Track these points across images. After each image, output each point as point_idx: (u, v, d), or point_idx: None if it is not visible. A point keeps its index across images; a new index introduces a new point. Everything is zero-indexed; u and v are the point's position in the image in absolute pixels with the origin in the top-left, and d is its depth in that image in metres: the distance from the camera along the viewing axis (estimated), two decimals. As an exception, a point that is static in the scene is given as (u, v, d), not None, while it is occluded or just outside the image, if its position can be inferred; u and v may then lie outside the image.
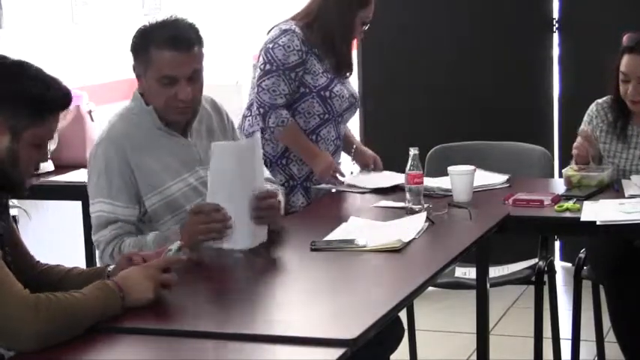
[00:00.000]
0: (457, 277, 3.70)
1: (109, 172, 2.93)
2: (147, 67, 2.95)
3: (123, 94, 5.15)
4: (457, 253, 2.86)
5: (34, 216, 4.56)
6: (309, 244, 2.91)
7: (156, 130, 3.01)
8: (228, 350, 2.20)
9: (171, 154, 3.01)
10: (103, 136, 2.99)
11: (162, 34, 2.93)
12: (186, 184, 3.01)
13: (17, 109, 2.32)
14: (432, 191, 3.47)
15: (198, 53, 2.97)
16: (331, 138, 3.82)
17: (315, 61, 3.77)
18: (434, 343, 4.40)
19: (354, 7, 3.77)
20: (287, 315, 2.43)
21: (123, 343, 2.23)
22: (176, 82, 2.93)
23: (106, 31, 5.11)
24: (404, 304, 2.56)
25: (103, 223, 2.92)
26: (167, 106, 2.97)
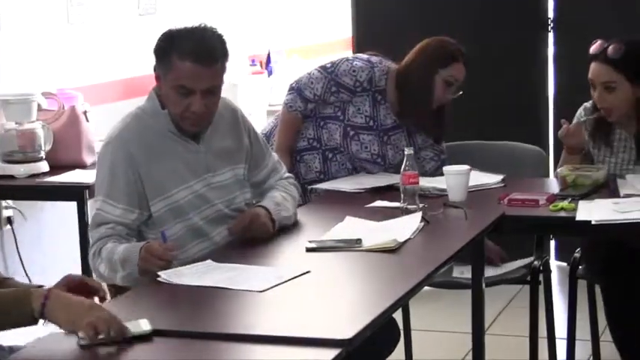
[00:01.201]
0: (454, 276, 3.69)
1: (113, 172, 2.93)
2: (166, 72, 2.94)
3: (118, 95, 5.15)
4: (452, 253, 2.86)
5: (30, 217, 4.55)
6: (304, 244, 2.92)
7: (168, 133, 2.99)
8: (220, 350, 2.20)
9: (180, 159, 3.00)
10: (114, 135, 2.98)
11: (188, 44, 2.91)
12: (191, 192, 3.00)
13: None
14: (427, 191, 3.47)
15: (219, 69, 2.95)
16: (346, 167, 3.87)
17: (367, 102, 3.81)
18: (429, 342, 4.40)
19: (434, 65, 3.74)
20: (282, 315, 2.42)
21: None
22: (192, 94, 2.91)
23: (102, 31, 5.10)
24: (399, 304, 2.56)
25: (97, 222, 2.92)
26: (181, 116, 2.96)
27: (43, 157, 4.21)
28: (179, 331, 2.27)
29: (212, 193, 3.04)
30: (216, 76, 2.95)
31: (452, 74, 3.76)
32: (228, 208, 3.06)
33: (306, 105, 3.84)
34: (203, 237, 3.01)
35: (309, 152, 3.87)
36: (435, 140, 3.92)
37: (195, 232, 3.00)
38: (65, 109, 4.33)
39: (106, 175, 2.94)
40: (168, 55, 2.92)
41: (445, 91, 3.77)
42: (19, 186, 4.13)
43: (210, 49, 2.93)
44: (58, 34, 4.82)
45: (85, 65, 4.95)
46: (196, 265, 2.73)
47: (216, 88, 2.96)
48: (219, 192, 3.05)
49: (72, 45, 4.91)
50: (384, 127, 3.85)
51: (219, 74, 2.96)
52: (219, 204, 3.04)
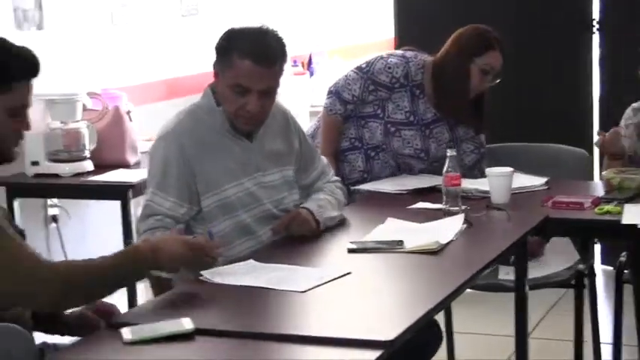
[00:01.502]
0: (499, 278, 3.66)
1: (166, 165, 2.95)
2: (225, 69, 2.96)
3: (161, 95, 5.18)
4: (495, 256, 2.84)
5: (74, 215, 4.59)
6: (346, 245, 2.91)
7: (221, 130, 3.02)
8: (262, 350, 2.20)
9: (233, 157, 3.02)
10: (169, 130, 3.01)
11: (248, 44, 2.93)
12: (242, 189, 3.02)
13: None
14: (469, 193, 3.45)
15: (277, 71, 2.98)
16: (390, 165, 3.87)
17: (406, 98, 3.80)
18: (472, 345, 4.38)
19: (469, 53, 3.72)
20: (323, 316, 2.42)
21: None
22: (248, 93, 2.94)
23: (145, 32, 5.14)
24: (442, 306, 2.55)
25: (147, 213, 2.95)
26: (236, 114, 2.98)
27: (87, 157, 4.25)
28: (221, 331, 2.27)
29: (262, 192, 3.05)
30: (274, 78, 2.97)
31: (487, 62, 3.72)
32: (276, 209, 3.07)
33: (345, 107, 3.84)
34: (250, 235, 3.02)
35: (351, 152, 3.87)
36: (475, 131, 3.89)
37: (243, 230, 3.01)
38: (109, 109, 4.37)
39: (158, 167, 2.97)
40: (228, 53, 2.95)
41: (482, 80, 3.74)
42: (64, 185, 4.16)
43: (270, 50, 2.95)
44: (102, 34, 4.86)
45: (128, 65, 4.99)
46: (238, 264, 2.74)
47: (273, 89, 2.99)
48: (268, 191, 3.07)
49: (116, 45, 4.94)
50: (425, 121, 3.83)
51: (276, 76, 2.98)
52: (267, 203, 3.05)
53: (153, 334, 2.21)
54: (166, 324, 2.25)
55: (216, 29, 5.59)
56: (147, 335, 2.21)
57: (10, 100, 2.41)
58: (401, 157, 3.86)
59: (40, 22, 4.47)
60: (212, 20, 5.64)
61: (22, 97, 2.44)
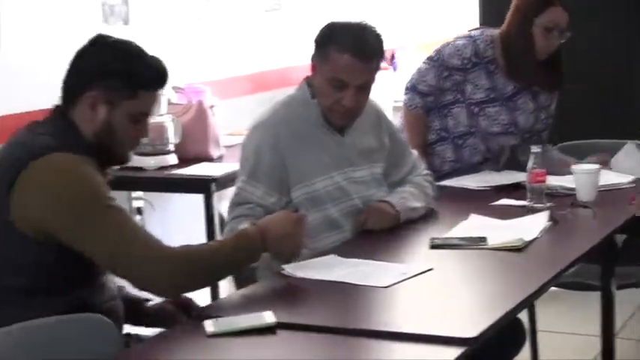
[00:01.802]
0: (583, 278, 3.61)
1: (259, 154, 2.97)
2: (323, 62, 2.98)
3: (244, 90, 5.21)
4: (580, 254, 2.80)
5: (158, 207, 4.65)
6: (428, 241, 2.89)
7: (315, 123, 3.03)
8: (343, 345, 2.19)
9: (326, 150, 3.03)
10: (264, 120, 3.03)
11: (348, 38, 2.94)
12: (332, 183, 3.03)
13: (113, 81, 2.44)
14: (554, 190, 3.41)
15: (375, 66, 2.99)
16: (479, 149, 3.87)
17: (483, 75, 3.80)
18: (556, 344, 4.32)
19: (529, 15, 3.72)
20: (405, 312, 2.41)
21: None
22: (345, 88, 2.95)
23: (229, 27, 5.17)
24: (525, 304, 2.52)
25: (238, 201, 2.97)
26: (331, 108, 3.00)
27: (171, 150, 4.29)
28: (303, 325, 2.27)
29: (351, 187, 3.06)
30: (371, 73, 2.98)
31: (550, 19, 3.70)
32: (364, 205, 3.07)
33: (424, 99, 3.85)
34: (337, 229, 3.02)
35: (439, 144, 3.87)
36: (549, 89, 3.87)
37: (331, 224, 3.02)
38: (193, 104, 4.40)
39: (251, 156, 2.99)
40: (327, 46, 2.96)
41: (547, 39, 3.71)
42: (149, 178, 4.21)
43: (369, 45, 2.96)
44: (187, 29, 4.90)
45: (212, 60, 5.03)
46: (321, 259, 2.74)
47: (369, 85, 3.00)
48: (358, 187, 3.07)
49: (200, 40, 4.99)
50: (507, 95, 3.82)
51: (373, 71, 2.99)
52: (356, 199, 3.06)
53: (235, 327, 2.23)
54: (248, 317, 2.26)
55: (299, 24, 5.66)
56: (229, 328, 2.22)
57: (134, 106, 2.46)
58: (490, 136, 3.84)
59: (126, 16, 4.53)
60: (295, 15, 5.66)
61: (146, 105, 2.50)
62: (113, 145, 2.47)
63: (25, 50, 4.02)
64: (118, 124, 2.45)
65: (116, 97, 2.44)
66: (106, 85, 2.43)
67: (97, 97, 2.43)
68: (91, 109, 2.44)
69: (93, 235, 2.29)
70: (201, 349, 2.20)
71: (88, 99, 2.43)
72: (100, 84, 2.43)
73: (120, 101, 2.44)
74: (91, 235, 2.29)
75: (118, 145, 2.48)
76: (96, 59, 2.47)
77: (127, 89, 2.44)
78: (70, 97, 2.47)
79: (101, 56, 2.47)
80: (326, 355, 2.19)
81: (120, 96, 2.44)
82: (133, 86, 2.45)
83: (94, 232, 2.29)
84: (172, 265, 2.31)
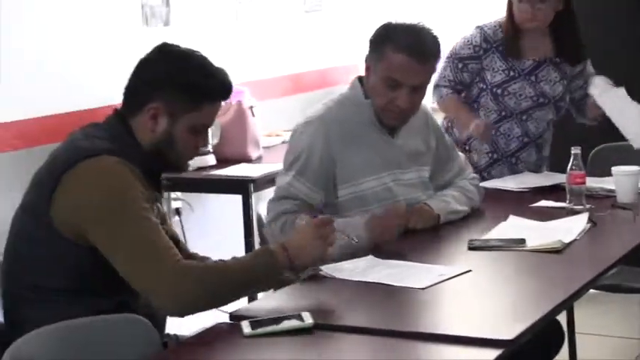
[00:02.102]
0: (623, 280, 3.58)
1: (310, 152, 2.96)
2: (378, 62, 2.97)
3: (283, 91, 5.23)
4: (620, 256, 2.78)
5: (196, 208, 4.67)
6: (466, 242, 2.89)
7: (368, 123, 3.03)
8: (381, 346, 2.19)
9: (376, 150, 3.03)
10: (317, 116, 3.02)
11: (405, 38, 2.94)
12: (380, 184, 3.03)
13: (176, 93, 2.43)
14: (594, 192, 3.38)
15: (430, 68, 2.99)
16: (514, 134, 3.89)
17: (497, 58, 3.84)
18: (595, 347, 4.29)
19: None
20: (443, 313, 2.41)
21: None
22: (399, 88, 2.94)
23: (268, 28, 5.19)
24: (564, 306, 2.51)
25: (284, 195, 2.95)
26: (384, 108, 2.99)
27: (210, 151, 4.31)
28: (340, 326, 2.28)
29: (398, 188, 3.05)
30: (427, 74, 2.98)
31: None
32: (409, 207, 3.06)
33: (449, 89, 3.91)
34: None
35: (473, 138, 3.87)
36: (571, 63, 3.88)
37: None
38: (232, 104, 4.42)
39: (302, 152, 2.97)
40: (383, 45, 2.95)
41: (521, 9, 3.77)
42: (188, 178, 4.22)
43: (426, 46, 2.95)
44: (226, 30, 4.92)
45: (251, 61, 5.04)
46: (358, 260, 2.74)
47: (424, 86, 2.99)
48: (405, 189, 3.07)
49: (240, 41, 5.00)
50: (527, 70, 3.85)
51: (429, 72, 2.99)
52: (402, 201, 3.05)
53: (272, 328, 2.23)
54: (286, 318, 2.27)
55: (340, 25, 5.66)
56: (266, 329, 2.23)
57: (197, 118, 2.46)
58: (523, 114, 3.86)
59: (166, 18, 4.56)
60: (335, 16, 5.66)
61: (208, 117, 2.49)
62: (172, 154, 2.47)
63: (66, 51, 4.06)
64: (178, 135, 2.44)
65: (179, 110, 2.43)
66: (168, 96, 2.42)
67: (159, 108, 2.42)
68: (152, 120, 2.43)
69: (115, 242, 2.28)
70: (237, 350, 2.20)
71: (149, 110, 2.42)
72: (162, 95, 2.42)
73: (182, 114, 2.43)
74: (114, 242, 2.28)
75: (176, 155, 2.48)
76: (160, 70, 2.45)
77: (191, 102, 2.43)
78: (132, 104, 2.47)
79: (165, 67, 2.45)
80: (363, 356, 2.19)
81: (182, 108, 2.43)
82: (196, 99, 2.43)
83: (117, 239, 2.28)
84: (185, 286, 2.25)
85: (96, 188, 2.30)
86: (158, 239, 2.29)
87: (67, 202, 2.31)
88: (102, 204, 2.29)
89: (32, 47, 3.91)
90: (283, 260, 2.38)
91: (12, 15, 3.84)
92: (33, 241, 2.35)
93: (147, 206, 2.34)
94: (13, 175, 3.78)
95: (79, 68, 4.09)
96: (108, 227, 2.28)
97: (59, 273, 2.33)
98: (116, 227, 2.28)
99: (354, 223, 2.86)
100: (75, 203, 2.30)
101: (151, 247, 2.27)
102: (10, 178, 3.77)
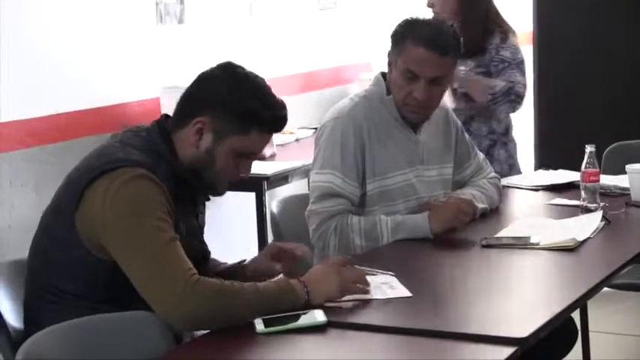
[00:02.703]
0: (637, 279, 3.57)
1: (343, 147, 2.96)
2: (398, 55, 2.97)
3: (297, 88, 5.23)
4: (634, 254, 2.77)
5: (210, 206, 4.66)
6: (479, 240, 2.88)
7: (391, 119, 3.03)
8: (393, 343, 2.19)
9: (399, 146, 3.03)
10: (344, 112, 3.01)
11: (424, 31, 2.95)
12: (404, 179, 3.03)
13: (226, 112, 2.39)
14: (608, 190, 3.37)
15: (449, 62, 2.97)
16: (482, 134, 3.94)
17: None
18: (608, 345, 4.28)
19: None
20: (456, 312, 2.41)
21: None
22: (417, 80, 2.94)
23: (283, 25, 5.19)
24: (577, 305, 2.50)
25: (328, 194, 2.93)
26: (403, 102, 2.99)
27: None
28: (353, 324, 2.28)
29: (421, 185, 3.06)
30: (445, 67, 2.97)
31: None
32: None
33: None
34: None
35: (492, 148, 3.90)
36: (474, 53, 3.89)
37: None
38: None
39: (336, 148, 2.96)
40: (403, 39, 2.96)
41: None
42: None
43: (444, 38, 2.96)
44: (240, 27, 4.93)
45: (265, 58, 5.05)
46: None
47: (443, 80, 2.98)
48: (427, 186, 3.07)
49: (254, 38, 5.01)
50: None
51: (448, 66, 2.98)
52: (425, 198, 3.05)
53: (285, 325, 2.23)
54: (299, 316, 2.27)
55: (354, 23, 5.66)
56: (279, 327, 2.23)
57: (243, 142, 2.41)
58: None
59: (180, 16, 4.57)
60: (349, 14, 5.66)
61: (254, 144, 2.44)
62: (210, 175, 2.42)
63: (80, 49, 4.07)
64: (220, 156, 2.40)
65: (225, 129, 2.39)
66: (218, 114, 2.38)
67: (206, 123, 2.39)
68: (196, 135, 2.40)
69: (127, 254, 2.26)
70: (251, 347, 2.21)
71: (196, 123, 2.39)
72: (212, 111, 2.38)
73: (228, 134, 2.39)
74: (127, 254, 2.26)
75: (214, 176, 2.43)
76: (217, 86, 2.42)
77: (239, 124, 2.38)
78: (181, 115, 2.43)
79: (223, 84, 2.41)
80: (376, 354, 2.19)
81: (230, 129, 2.39)
82: (245, 123, 2.39)
83: (129, 251, 2.25)
84: (191, 303, 2.21)
85: (116, 198, 2.27)
86: (170, 254, 2.25)
87: (89, 210, 2.29)
88: (121, 214, 2.26)
89: (47, 45, 3.92)
90: (301, 294, 2.33)
91: (28, 14, 3.85)
92: (58, 243, 2.34)
93: (165, 219, 2.29)
94: (26, 173, 3.79)
95: (94, 66, 4.10)
96: (122, 238, 2.26)
97: (80, 279, 2.32)
98: (129, 239, 2.26)
99: (415, 219, 2.92)
100: (95, 212, 2.28)
101: (162, 262, 2.24)
102: (23, 176, 3.79)
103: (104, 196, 2.28)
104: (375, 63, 5.53)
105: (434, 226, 2.90)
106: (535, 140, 5.08)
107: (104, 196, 2.28)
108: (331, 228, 2.90)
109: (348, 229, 2.90)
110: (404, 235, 2.90)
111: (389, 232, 2.90)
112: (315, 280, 2.36)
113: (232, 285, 2.28)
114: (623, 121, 5.03)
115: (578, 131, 4.68)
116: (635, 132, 4.13)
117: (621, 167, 3.43)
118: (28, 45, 3.85)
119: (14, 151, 3.81)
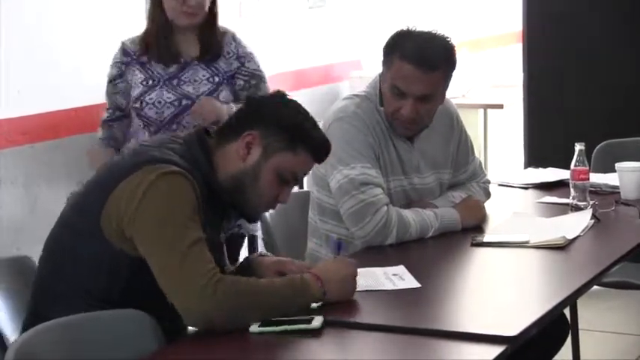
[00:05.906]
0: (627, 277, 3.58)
1: (361, 142, 2.90)
2: (387, 70, 2.91)
3: (287, 86, 5.21)
4: (624, 252, 2.78)
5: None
6: (469, 238, 2.89)
7: (387, 123, 2.97)
8: (386, 342, 2.20)
9: (396, 152, 2.99)
10: (349, 111, 2.94)
11: (412, 46, 2.86)
12: (399, 185, 2.99)
13: (277, 128, 2.40)
14: (598, 188, 3.38)
15: (439, 77, 2.88)
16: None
17: (137, 70, 3.57)
18: (598, 343, 4.29)
19: None
20: (445, 310, 2.41)
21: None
22: (404, 97, 2.87)
23: (272, 24, 5.18)
24: (567, 303, 2.51)
25: (366, 181, 2.85)
26: (392, 116, 2.94)
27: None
28: (348, 323, 2.28)
29: (415, 194, 3.03)
30: (433, 84, 2.88)
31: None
32: None
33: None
34: None
35: None
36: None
37: None
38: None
39: (354, 144, 2.89)
40: (392, 53, 2.89)
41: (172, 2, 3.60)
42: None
43: (433, 54, 2.86)
44: (230, 26, 4.91)
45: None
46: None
47: (431, 97, 2.89)
48: (422, 194, 3.04)
49: (244, 37, 5.00)
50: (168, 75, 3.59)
51: (436, 82, 2.88)
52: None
53: (280, 326, 2.22)
54: (294, 316, 2.26)
55: (343, 21, 5.66)
56: (273, 327, 2.22)
57: (289, 161, 2.40)
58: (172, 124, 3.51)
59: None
60: (339, 12, 5.65)
61: (299, 165, 2.43)
62: (250, 192, 2.40)
63: (70, 47, 4.06)
64: (264, 173, 2.39)
65: (274, 146, 2.38)
66: (269, 129, 2.38)
67: (256, 137, 2.38)
68: (246, 148, 2.39)
69: (157, 243, 2.25)
70: (242, 347, 2.20)
71: (246, 136, 2.38)
72: (264, 126, 2.39)
73: (276, 150, 2.39)
74: (156, 243, 2.25)
75: (255, 195, 2.40)
76: (271, 104, 2.45)
77: (289, 141, 2.38)
78: (230, 129, 2.43)
79: (277, 103, 2.45)
80: (370, 353, 2.20)
81: (278, 146, 2.39)
82: (295, 140, 2.39)
83: (160, 241, 2.24)
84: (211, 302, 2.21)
85: (149, 190, 2.26)
86: (197, 251, 2.24)
87: (116, 204, 2.28)
88: (151, 205, 2.25)
89: (37, 43, 3.91)
90: (317, 293, 2.33)
91: (20, 13, 3.84)
92: (83, 239, 2.33)
93: (196, 219, 2.28)
94: (16, 171, 3.79)
95: (85, 64, 4.09)
96: (152, 228, 2.25)
97: (97, 277, 2.31)
98: (160, 229, 2.25)
99: (447, 210, 2.98)
100: (123, 203, 2.27)
101: (188, 257, 2.23)
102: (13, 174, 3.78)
103: (138, 185, 2.27)
104: (365, 61, 5.53)
105: (468, 222, 2.97)
106: (525, 138, 5.08)
107: (138, 185, 2.27)
108: (393, 217, 2.84)
109: (405, 220, 2.86)
110: (443, 230, 2.92)
111: (435, 227, 2.91)
112: (332, 279, 2.35)
113: (252, 284, 2.27)
114: (612, 119, 5.03)
115: (567, 129, 4.69)
116: (624, 130, 4.14)
117: (611, 165, 3.44)
118: (19, 43, 3.83)
119: (4, 149, 3.80)
